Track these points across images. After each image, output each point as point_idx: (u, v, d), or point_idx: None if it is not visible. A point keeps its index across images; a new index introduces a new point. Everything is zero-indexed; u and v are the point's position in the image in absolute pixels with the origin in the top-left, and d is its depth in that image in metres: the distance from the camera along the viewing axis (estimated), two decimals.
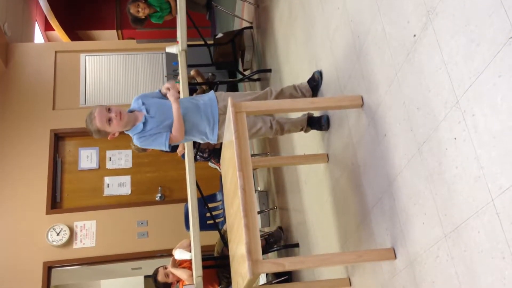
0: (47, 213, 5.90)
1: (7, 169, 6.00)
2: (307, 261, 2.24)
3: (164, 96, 2.76)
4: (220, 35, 5.24)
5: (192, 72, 5.11)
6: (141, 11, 4.81)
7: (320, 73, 2.91)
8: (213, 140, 2.75)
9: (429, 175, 1.78)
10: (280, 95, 2.92)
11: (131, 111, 2.65)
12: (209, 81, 5.14)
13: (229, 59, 5.18)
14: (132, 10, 4.81)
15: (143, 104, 2.63)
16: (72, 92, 6.64)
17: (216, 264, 4.34)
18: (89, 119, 2.55)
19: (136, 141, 2.64)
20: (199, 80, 5.13)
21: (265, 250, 4.19)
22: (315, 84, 2.93)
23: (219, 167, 4.94)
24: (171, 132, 2.62)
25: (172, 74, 6.28)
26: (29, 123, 6.23)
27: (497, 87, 1.37)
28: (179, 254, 3.98)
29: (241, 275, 2.18)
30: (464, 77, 1.52)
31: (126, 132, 2.65)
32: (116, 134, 2.57)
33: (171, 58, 5.80)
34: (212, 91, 2.82)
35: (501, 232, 1.40)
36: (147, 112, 2.60)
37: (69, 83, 6.67)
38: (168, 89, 2.68)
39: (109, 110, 2.53)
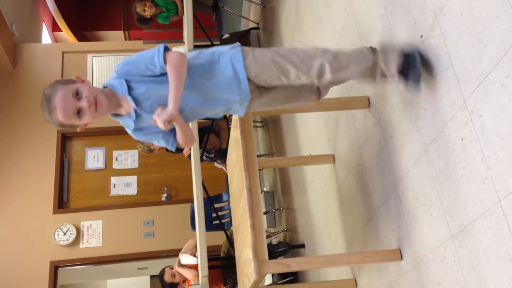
0: (54, 212, 5.93)
1: (15, 169, 6.04)
2: (312, 261, 2.24)
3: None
4: (226, 36, 5.25)
5: None
6: (148, 10, 4.83)
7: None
8: (241, 112, 1.94)
9: (436, 176, 1.77)
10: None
11: (110, 88, 1.78)
12: None
13: None
14: (139, 9, 4.84)
15: (129, 88, 1.74)
16: None
17: (222, 265, 4.35)
18: (46, 108, 1.69)
19: (133, 136, 1.94)
20: None
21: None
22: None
23: (225, 168, 4.95)
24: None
25: None
26: (37, 123, 6.26)
27: (504, 88, 1.37)
28: (185, 259, 4.00)
29: (247, 275, 2.18)
30: (472, 78, 1.51)
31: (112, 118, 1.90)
32: (88, 125, 1.78)
33: None
34: (237, 47, 1.86)
35: (508, 234, 1.39)
36: (138, 103, 1.75)
37: None
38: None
39: (77, 94, 1.68)
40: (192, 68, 1.78)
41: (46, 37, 8.60)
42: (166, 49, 1.74)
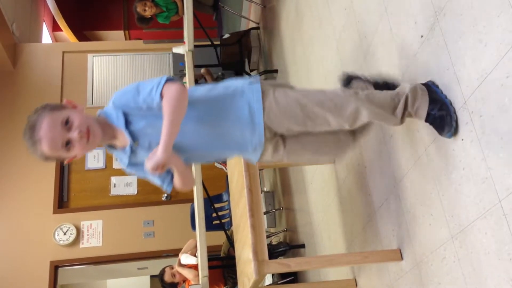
0: (54, 212, 5.93)
1: (15, 169, 6.04)
2: (313, 261, 2.24)
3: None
4: (226, 35, 5.25)
5: (203, 71, 5.13)
6: (148, 10, 4.84)
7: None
8: (254, 159, 1.73)
9: (436, 176, 1.77)
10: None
11: (105, 116, 1.60)
12: (217, 81, 5.15)
13: (236, 60, 5.19)
14: (139, 8, 4.84)
15: (127, 122, 1.56)
16: (80, 92, 6.67)
17: (222, 265, 4.35)
18: (29, 138, 1.48)
19: (126, 171, 1.78)
20: (208, 79, 5.14)
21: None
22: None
23: (225, 168, 4.95)
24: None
25: (179, 75, 6.30)
26: None
27: (505, 88, 1.37)
28: (185, 258, 4.00)
29: (247, 275, 2.18)
30: (472, 78, 1.51)
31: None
32: (79, 156, 1.56)
33: (178, 59, 5.82)
34: (257, 84, 1.63)
35: (508, 234, 1.39)
36: (135, 139, 1.58)
37: (77, 83, 6.70)
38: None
39: (67, 123, 1.48)
40: (202, 102, 1.58)
41: (46, 37, 8.60)
42: (169, 80, 1.51)
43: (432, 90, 1.66)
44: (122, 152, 1.62)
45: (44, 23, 8.42)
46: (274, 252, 4.23)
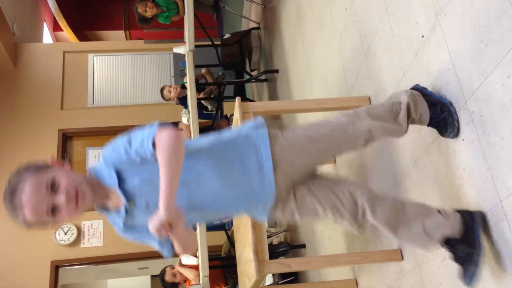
0: None
1: (15, 168, 6.04)
2: (313, 261, 2.25)
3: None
4: (227, 35, 5.26)
5: (203, 71, 5.13)
6: (149, 11, 4.84)
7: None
8: (263, 215, 1.56)
9: (436, 176, 1.77)
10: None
11: (95, 174, 1.44)
12: (218, 81, 5.16)
13: (237, 60, 5.19)
14: (140, 9, 4.85)
15: (120, 180, 1.39)
16: (80, 92, 6.67)
17: (223, 265, 4.35)
18: (8, 202, 1.31)
19: (121, 236, 1.62)
20: (208, 79, 5.14)
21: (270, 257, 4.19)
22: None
23: None
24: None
25: (180, 75, 6.30)
26: (38, 123, 6.27)
27: (505, 88, 1.37)
28: (186, 259, 4.00)
29: (248, 275, 2.18)
30: (473, 78, 1.51)
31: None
32: (67, 222, 1.51)
33: (179, 59, 5.81)
34: (263, 128, 1.52)
35: (509, 234, 1.39)
36: (130, 199, 1.40)
37: (77, 83, 6.71)
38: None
39: (52, 185, 1.32)
40: (207, 153, 1.45)
41: (47, 37, 8.61)
42: (161, 127, 1.33)
43: (426, 94, 1.66)
44: (116, 214, 1.46)
45: (45, 23, 8.43)
46: (275, 252, 4.23)
